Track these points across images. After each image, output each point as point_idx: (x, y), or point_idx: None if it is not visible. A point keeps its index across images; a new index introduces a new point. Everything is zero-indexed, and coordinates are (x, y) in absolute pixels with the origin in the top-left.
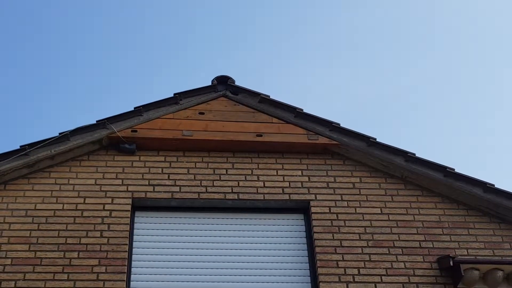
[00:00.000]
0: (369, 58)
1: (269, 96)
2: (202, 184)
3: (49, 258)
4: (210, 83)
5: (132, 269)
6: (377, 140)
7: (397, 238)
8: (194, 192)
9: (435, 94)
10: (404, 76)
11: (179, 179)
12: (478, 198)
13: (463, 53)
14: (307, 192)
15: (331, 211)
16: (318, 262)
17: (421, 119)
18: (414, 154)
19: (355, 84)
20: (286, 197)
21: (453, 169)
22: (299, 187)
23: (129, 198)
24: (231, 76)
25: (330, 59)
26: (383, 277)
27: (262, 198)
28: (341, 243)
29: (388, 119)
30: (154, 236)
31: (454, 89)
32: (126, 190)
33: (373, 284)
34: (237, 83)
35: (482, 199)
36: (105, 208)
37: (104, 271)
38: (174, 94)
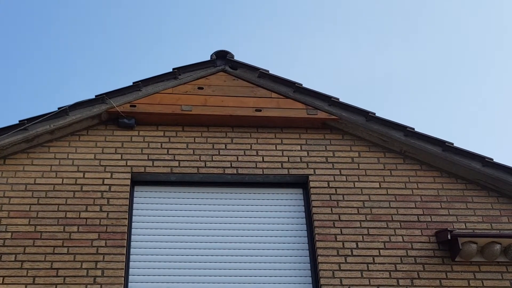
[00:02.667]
0: (369, 34)
1: (268, 71)
2: (201, 159)
3: (49, 232)
4: (209, 58)
5: (132, 243)
6: (376, 114)
7: (396, 212)
8: (193, 167)
9: (435, 70)
10: (404, 52)
11: (178, 154)
12: (477, 172)
13: (464, 30)
14: (306, 167)
15: (330, 185)
16: (316, 236)
17: (420, 94)
18: (413, 129)
19: (355, 60)
20: (285, 171)
21: (452, 144)
22: (298, 162)
23: (128, 172)
24: (230, 51)
25: (330, 35)
26: (381, 250)
27: (261, 172)
28: (339, 217)
29: (387, 94)
30: (153, 210)
31: (454, 65)
32: (125, 164)
33: (371, 258)
34: (236, 58)
35: (480, 173)
36: (105, 183)
37: (103, 245)
38: (173, 69)
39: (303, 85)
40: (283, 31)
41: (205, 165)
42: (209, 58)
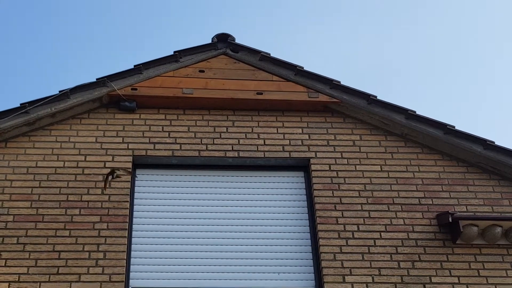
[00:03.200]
0: (372, 21)
1: (269, 54)
2: (203, 142)
3: (51, 215)
4: (210, 41)
5: (133, 226)
6: (377, 97)
7: (397, 195)
8: (194, 150)
9: (437, 53)
10: (405, 34)
11: (179, 137)
12: (478, 155)
13: (466, 15)
14: (307, 150)
15: (331, 168)
16: (318, 219)
17: (422, 78)
18: (415, 112)
19: (357, 43)
20: (287, 154)
21: (454, 127)
22: (300, 145)
23: (130, 155)
24: (232, 34)
25: (332, 18)
26: (382, 233)
27: (263, 155)
28: (340, 200)
29: (389, 78)
30: (155, 193)
31: (455, 48)
32: (126, 148)
33: (372, 241)
34: (237, 41)
35: (482, 156)
36: (106, 166)
37: (105, 227)
38: (174, 52)
39: (305, 68)
40: (285, 16)
41: (207, 148)
42: (210, 41)
